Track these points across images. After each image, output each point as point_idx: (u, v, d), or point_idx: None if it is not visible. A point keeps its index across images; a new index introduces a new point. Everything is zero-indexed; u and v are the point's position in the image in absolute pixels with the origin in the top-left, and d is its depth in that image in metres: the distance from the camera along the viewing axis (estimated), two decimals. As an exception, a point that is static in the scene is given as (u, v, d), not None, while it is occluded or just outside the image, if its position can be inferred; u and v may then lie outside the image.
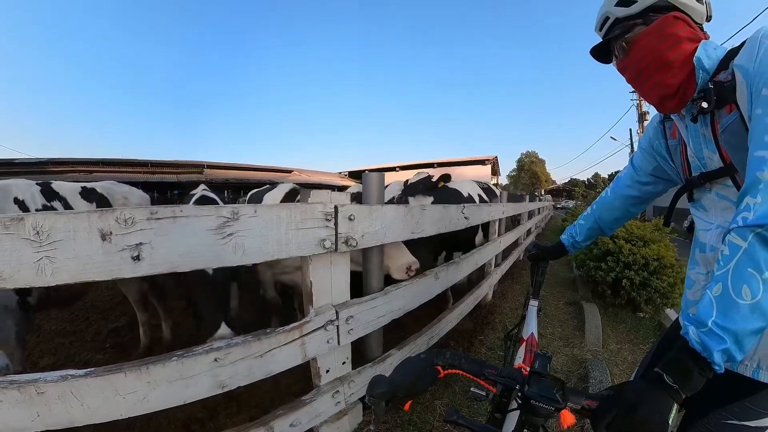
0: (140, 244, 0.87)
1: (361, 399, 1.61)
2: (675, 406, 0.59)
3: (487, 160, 25.51)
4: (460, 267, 2.52)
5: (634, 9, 0.85)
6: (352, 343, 1.52)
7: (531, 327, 1.37)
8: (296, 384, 1.96)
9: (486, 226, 3.58)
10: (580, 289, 4.73)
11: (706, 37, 0.85)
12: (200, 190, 2.55)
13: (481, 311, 3.63)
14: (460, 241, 3.24)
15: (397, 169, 32.16)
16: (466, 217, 2.24)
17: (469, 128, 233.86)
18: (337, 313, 1.39)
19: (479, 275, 3.62)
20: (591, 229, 1.39)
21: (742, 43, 0.75)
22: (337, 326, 1.40)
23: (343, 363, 1.52)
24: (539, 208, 10.91)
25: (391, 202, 3.13)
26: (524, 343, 1.30)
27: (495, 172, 28.58)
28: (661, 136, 1.06)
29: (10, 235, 0.76)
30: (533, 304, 1.50)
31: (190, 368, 1.03)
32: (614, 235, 4.02)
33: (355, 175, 29.74)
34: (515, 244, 5.66)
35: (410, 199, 2.38)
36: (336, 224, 1.32)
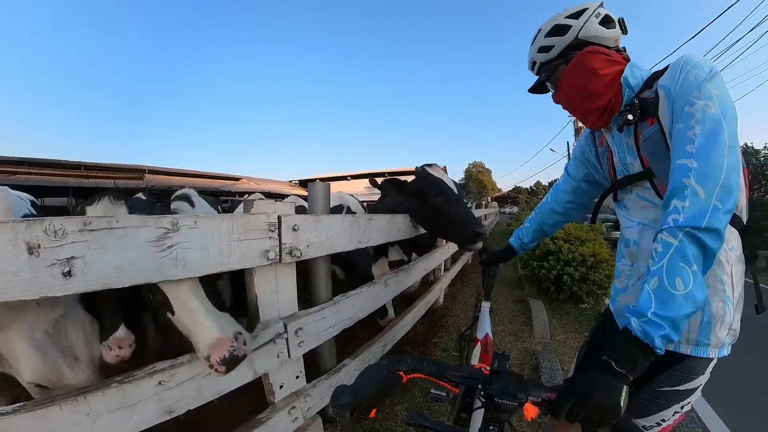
0: (72, 258, 0.78)
1: (320, 413, 1.57)
2: (625, 389, 0.65)
3: (436, 169, 26.11)
4: (410, 273, 2.54)
5: (553, 53, 1.00)
6: (304, 355, 1.48)
7: (485, 327, 1.42)
8: (252, 402, 1.86)
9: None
10: (526, 287, 5.01)
11: (624, 55, 0.97)
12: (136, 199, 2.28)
13: (433, 315, 3.72)
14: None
15: (348, 178, 32.11)
16: (414, 226, 2.28)
17: (420, 140, 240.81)
18: (285, 326, 1.34)
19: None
20: (536, 230, 1.49)
21: (666, 67, 0.87)
22: (287, 339, 1.35)
23: (297, 377, 1.47)
24: (486, 215, 11.40)
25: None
26: (479, 343, 1.34)
27: (444, 180, 29.33)
28: (592, 144, 1.18)
29: None
30: (485, 305, 1.56)
31: (133, 394, 0.94)
32: (554, 237, 4.35)
33: (305, 184, 29.19)
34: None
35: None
36: (280, 234, 1.27)
